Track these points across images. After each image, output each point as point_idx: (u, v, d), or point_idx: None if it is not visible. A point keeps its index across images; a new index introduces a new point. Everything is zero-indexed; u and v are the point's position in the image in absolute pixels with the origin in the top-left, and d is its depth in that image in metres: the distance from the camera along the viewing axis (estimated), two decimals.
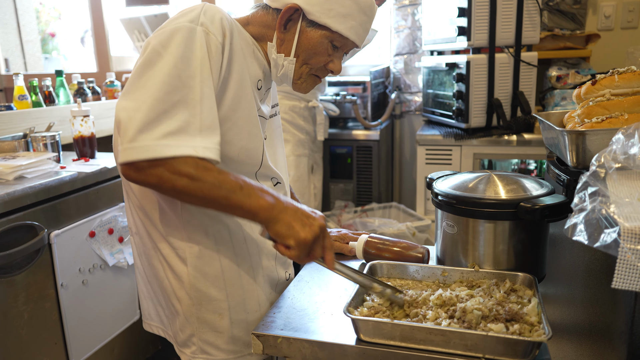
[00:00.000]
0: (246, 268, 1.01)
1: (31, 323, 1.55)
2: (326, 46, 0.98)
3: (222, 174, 0.84)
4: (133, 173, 0.82)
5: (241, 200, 0.83)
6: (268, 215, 0.85)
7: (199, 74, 0.85)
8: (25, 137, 1.93)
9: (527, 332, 0.77)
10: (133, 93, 0.83)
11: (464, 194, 0.97)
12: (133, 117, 0.80)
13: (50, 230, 1.59)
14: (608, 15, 2.57)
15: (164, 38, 0.85)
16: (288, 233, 0.85)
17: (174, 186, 0.81)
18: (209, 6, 0.91)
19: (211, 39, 0.87)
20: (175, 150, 0.80)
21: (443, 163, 2.34)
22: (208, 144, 0.84)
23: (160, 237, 0.97)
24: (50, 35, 4.13)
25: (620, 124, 0.85)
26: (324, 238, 0.89)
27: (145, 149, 0.79)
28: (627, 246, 0.57)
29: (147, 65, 0.83)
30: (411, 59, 3.01)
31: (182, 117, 0.82)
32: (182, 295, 0.98)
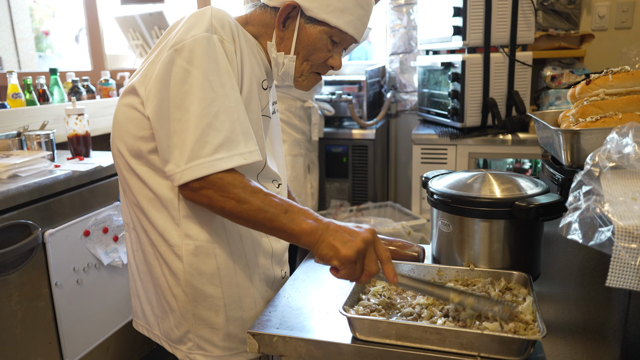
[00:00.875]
0: (242, 266, 1.01)
1: (25, 323, 1.54)
2: (325, 42, 0.98)
3: (269, 196, 0.87)
4: (189, 193, 0.88)
5: (285, 224, 0.86)
6: (310, 240, 0.85)
7: (228, 81, 0.88)
8: (19, 135, 1.92)
9: (522, 331, 0.77)
10: (172, 116, 0.86)
11: (460, 193, 0.98)
12: (184, 138, 0.85)
13: (45, 229, 1.58)
14: (602, 16, 2.58)
15: (186, 54, 0.86)
16: (330, 254, 0.83)
17: (222, 207, 0.86)
18: (216, 11, 0.92)
19: (227, 46, 0.89)
20: (228, 163, 0.85)
21: (438, 162, 2.34)
22: (252, 147, 0.89)
23: (157, 233, 0.98)
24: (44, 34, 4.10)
25: (614, 123, 0.85)
26: (373, 251, 0.84)
27: (200, 168, 0.84)
28: (621, 245, 0.57)
29: (178, 85, 0.86)
30: (407, 58, 3.01)
31: (225, 126, 0.86)
32: (178, 292, 0.98)
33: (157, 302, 1.03)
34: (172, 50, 0.87)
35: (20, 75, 2.38)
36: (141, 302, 1.08)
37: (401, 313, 0.86)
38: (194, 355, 1.01)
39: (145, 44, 2.89)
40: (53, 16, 4.17)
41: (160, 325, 1.05)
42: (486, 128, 2.28)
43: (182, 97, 0.85)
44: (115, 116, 0.99)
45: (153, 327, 1.07)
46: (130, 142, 0.95)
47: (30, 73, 2.61)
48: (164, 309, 1.02)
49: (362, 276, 0.85)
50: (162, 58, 0.89)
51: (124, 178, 1.00)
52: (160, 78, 0.87)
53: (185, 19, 0.92)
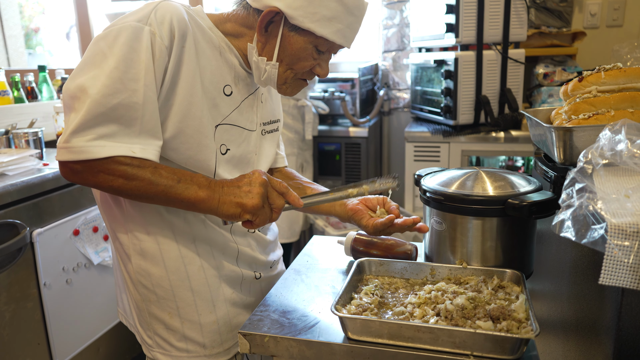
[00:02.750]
0: (195, 269, 0.97)
1: (13, 323, 1.51)
2: (310, 51, 0.93)
3: (158, 169, 0.84)
4: (71, 175, 0.83)
5: (179, 194, 0.84)
6: (210, 205, 0.85)
7: (143, 77, 0.82)
8: (7, 133, 1.89)
9: (515, 329, 0.77)
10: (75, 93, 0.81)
11: (452, 191, 0.97)
12: (73, 118, 0.80)
13: (33, 228, 1.56)
14: (594, 14, 2.59)
15: (110, 38, 0.83)
16: (238, 211, 0.85)
17: (111, 186, 0.83)
18: (163, 5, 0.87)
19: (156, 41, 0.84)
20: (110, 151, 0.80)
21: (431, 160, 2.34)
22: (148, 146, 0.84)
23: (112, 231, 0.97)
24: (34, 31, 4.06)
25: (607, 120, 0.85)
26: (272, 189, 0.88)
27: (77, 151, 0.79)
28: (614, 242, 0.57)
29: (91, 65, 0.82)
30: (399, 55, 3.01)
31: (120, 121, 0.81)
32: (133, 290, 0.98)
33: (127, 294, 1.04)
34: (101, 32, 0.85)
35: (9, 72, 2.34)
36: (120, 291, 1.08)
37: (393, 312, 0.86)
38: (155, 352, 1.00)
39: None
40: (43, 13, 4.11)
41: (134, 315, 1.05)
42: (479, 125, 2.28)
43: (89, 78, 0.81)
44: None
45: (128, 316, 1.07)
46: None
47: (19, 70, 2.58)
48: (131, 301, 1.02)
49: (272, 214, 0.89)
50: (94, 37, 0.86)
51: None
52: (83, 57, 0.84)
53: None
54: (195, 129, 0.90)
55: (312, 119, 2.50)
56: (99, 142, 0.80)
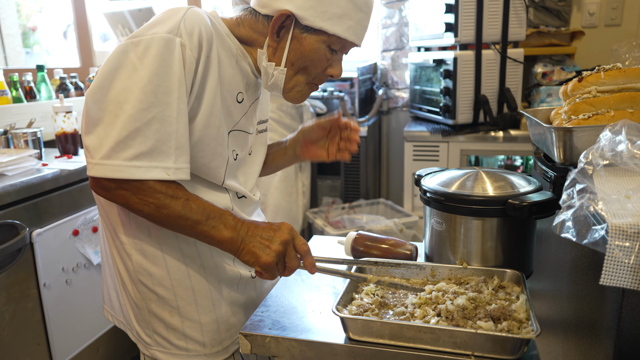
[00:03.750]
0: (196, 268, 0.97)
1: (13, 324, 1.51)
2: (324, 51, 0.92)
3: (189, 203, 0.84)
4: (101, 190, 0.84)
5: (206, 232, 0.85)
6: (232, 247, 0.87)
7: (176, 90, 0.83)
8: (6, 133, 1.89)
9: (515, 329, 0.77)
10: (107, 105, 0.81)
11: (452, 191, 0.97)
12: (107, 133, 0.80)
13: (32, 229, 1.56)
14: (592, 13, 2.60)
15: (140, 49, 0.81)
16: (252, 261, 0.87)
17: (140, 210, 0.83)
18: (190, 14, 0.86)
19: (187, 53, 0.83)
20: (145, 173, 0.81)
21: (430, 159, 2.35)
22: (181, 164, 0.84)
23: (112, 228, 0.97)
24: (32, 30, 4.04)
25: (607, 120, 0.85)
26: (292, 249, 0.88)
27: (114, 169, 0.80)
28: (615, 243, 0.57)
29: (122, 77, 0.81)
30: (398, 55, 3.01)
31: (156, 136, 0.81)
32: (132, 289, 0.97)
33: (123, 290, 1.02)
34: (129, 41, 0.83)
35: (7, 71, 2.33)
36: (108, 288, 1.08)
37: (394, 312, 0.86)
38: (153, 350, 1.00)
39: None
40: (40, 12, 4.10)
41: (124, 313, 1.04)
42: (478, 125, 2.28)
43: (121, 91, 0.81)
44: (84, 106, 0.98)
45: (118, 314, 1.07)
46: None
47: (17, 70, 2.57)
48: (126, 299, 1.01)
49: (284, 272, 0.90)
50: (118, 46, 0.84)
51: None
52: (108, 65, 0.82)
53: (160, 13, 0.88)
54: (212, 137, 0.91)
55: (310, 119, 2.50)
56: (136, 162, 0.80)
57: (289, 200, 2.45)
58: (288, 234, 0.88)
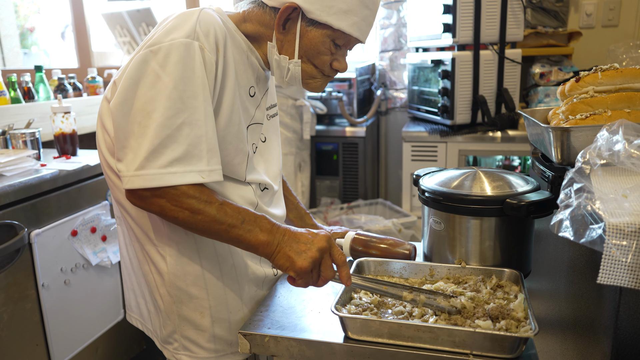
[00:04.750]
0: (228, 267, 0.99)
1: (11, 325, 1.51)
2: (328, 45, 0.94)
3: (224, 207, 0.84)
4: (137, 200, 0.84)
5: (241, 235, 0.85)
6: (267, 251, 0.86)
7: (201, 93, 0.84)
8: (4, 134, 1.88)
9: (513, 328, 0.77)
10: (134, 117, 0.82)
11: (451, 191, 0.98)
12: (140, 144, 0.81)
13: (31, 229, 1.55)
14: (589, 14, 2.60)
15: (160, 57, 0.82)
16: (287, 266, 0.85)
17: (175, 217, 0.83)
18: (204, 16, 0.87)
19: (206, 55, 0.85)
20: (181, 179, 0.82)
21: (428, 159, 2.35)
22: (213, 166, 0.85)
23: (142, 232, 0.96)
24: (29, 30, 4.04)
25: (604, 120, 0.86)
26: (328, 257, 0.87)
27: (150, 178, 0.81)
28: (612, 242, 0.57)
29: (146, 87, 0.82)
30: (396, 55, 3.01)
31: (187, 140, 0.82)
32: (164, 292, 0.97)
33: (150, 298, 1.02)
34: (147, 50, 0.83)
35: (5, 72, 2.33)
36: (136, 296, 1.06)
37: (393, 311, 0.86)
38: (180, 355, 1.00)
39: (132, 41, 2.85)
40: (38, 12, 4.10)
41: (152, 320, 1.04)
42: (476, 125, 2.29)
43: (147, 100, 0.81)
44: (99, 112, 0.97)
45: (146, 321, 1.06)
46: (108, 140, 0.93)
47: (15, 70, 2.57)
48: (155, 306, 1.01)
49: (318, 282, 0.88)
50: (136, 56, 0.85)
51: (107, 175, 0.98)
52: (130, 76, 0.83)
53: (172, 17, 0.88)
54: (234, 135, 0.92)
55: (310, 119, 2.50)
56: (171, 168, 0.81)
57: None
58: (326, 242, 0.87)
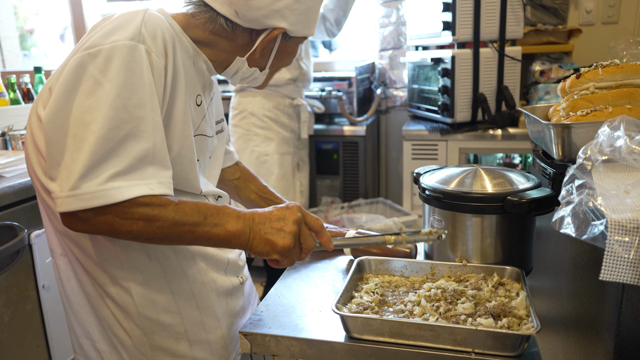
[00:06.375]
0: (198, 287, 0.92)
1: (12, 326, 1.51)
2: (297, 49, 0.98)
3: (180, 206, 0.76)
4: (78, 224, 0.73)
5: (208, 232, 0.77)
6: (241, 241, 0.79)
7: (149, 102, 0.75)
8: (3, 135, 1.89)
9: (515, 326, 0.77)
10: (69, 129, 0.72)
11: (451, 189, 0.97)
12: (75, 159, 0.71)
13: (31, 230, 1.55)
14: (589, 11, 2.60)
15: (100, 61, 0.73)
16: (267, 249, 0.80)
17: (129, 231, 0.74)
18: (149, 16, 0.80)
19: (153, 60, 0.77)
20: (127, 193, 0.72)
21: (429, 158, 2.35)
22: (162, 178, 0.76)
23: (94, 264, 0.86)
24: (29, 32, 4.04)
25: (605, 116, 0.85)
26: (305, 227, 0.83)
27: (89, 197, 0.70)
28: (615, 238, 0.57)
29: (84, 95, 0.72)
30: (396, 54, 3.01)
31: (132, 154, 0.73)
32: (129, 326, 0.87)
33: (101, 336, 0.90)
34: (85, 53, 0.74)
35: (4, 74, 2.33)
36: (78, 337, 0.93)
37: (393, 310, 0.86)
38: None
39: None
40: (37, 14, 4.09)
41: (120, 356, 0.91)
42: (476, 123, 2.28)
43: (85, 110, 0.72)
44: (28, 129, 0.84)
45: None
46: (42, 162, 0.81)
47: (14, 72, 2.56)
48: (111, 343, 0.90)
49: (301, 254, 0.84)
50: (72, 59, 0.75)
51: (45, 202, 0.86)
52: (65, 83, 0.74)
53: (112, 19, 0.80)
54: (188, 147, 0.86)
55: (307, 118, 2.50)
56: (113, 183, 0.71)
57: (286, 199, 2.45)
58: (298, 211, 0.82)
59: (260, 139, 2.38)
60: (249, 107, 2.37)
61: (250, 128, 2.38)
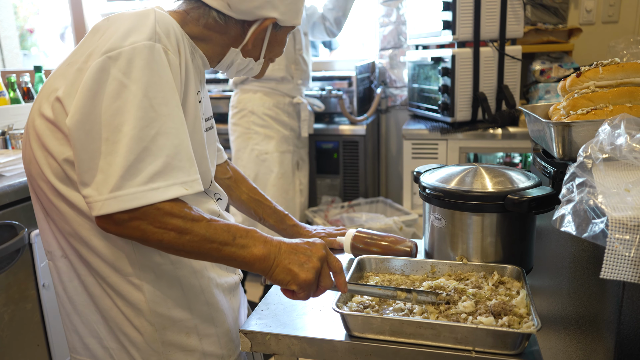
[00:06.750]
0: (206, 282, 0.94)
1: (12, 325, 1.51)
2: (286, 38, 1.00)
3: (212, 223, 0.78)
4: (112, 227, 0.75)
5: (234, 252, 0.79)
6: (264, 266, 0.80)
7: (172, 99, 0.78)
8: (4, 134, 1.89)
9: (516, 324, 0.77)
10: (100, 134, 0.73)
11: (452, 187, 0.97)
12: (110, 162, 0.72)
13: (31, 229, 1.55)
14: (589, 10, 2.60)
15: (123, 63, 0.74)
16: (288, 279, 0.80)
17: (160, 240, 0.75)
18: (160, 16, 0.81)
19: (171, 58, 0.79)
20: (165, 194, 0.74)
21: (429, 157, 2.35)
22: (194, 175, 0.79)
23: (104, 264, 0.86)
24: (29, 31, 4.04)
25: (605, 115, 0.85)
26: (327, 266, 0.83)
27: (130, 198, 0.72)
28: (615, 236, 0.57)
29: (110, 98, 0.74)
30: (396, 53, 3.01)
31: (165, 151, 0.75)
32: (141, 323, 0.89)
33: (108, 334, 0.91)
34: (105, 57, 0.75)
35: (4, 73, 2.33)
36: (81, 337, 0.93)
37: (393, 308, 0.86)
38: None
39: None
40: (37, 13, 4.09)
41: (115, 357, 0.92)
42: (476, 122, 2.28)
43: (114, 113, 0.73)
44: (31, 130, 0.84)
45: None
46: (54, 164, 0.82)
47: (14, 71, 2.56)
48: (119, 342, 0.91)
49: (317, 291, 0.84)
50: (91, 65, 0.75)
51: (51, 204, 0.86)
52: (88, 89, 0.74)
53: (121, 20, 0.81)
54: (199, 142, 0.88)
55: (307, 117, 2.49)
56: (152, 184, 0.73)
57: (285, 198, 2.45)
58: (324, 250, 0.83)
59: (260, 137, 2.38)
60: (248, 105, 2.37)
61: (250, 126, 2.38)
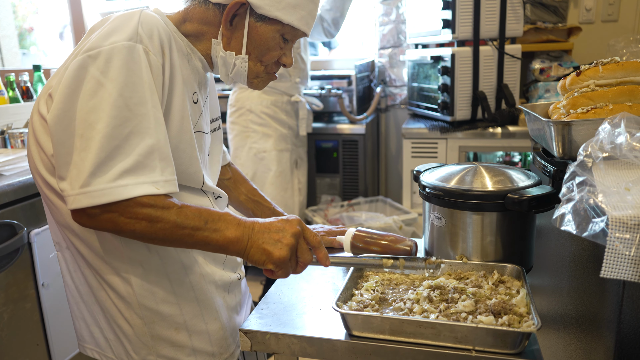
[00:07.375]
0: (197, 278, 0.94)
1: (11, 324, 1.51)
2: (278, 40, 0.93)
3: (183, 210, 0.79)
4: (86, 220, 0.77)
5: (207, 237, 0.79)
6: (238, 248, 0.81)
7: (150, 99, 0.78)
8: (3, 133, 1.88)
9: (516, 323, 0.77)
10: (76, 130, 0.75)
11: (452, 186, 0.97)
12: (83, 158, 0.74)
13: (30, 229, 1.55)
14: (589, 9, 2.60)
15: (100, 62, 0.76)
16: (263, 259, 0.81)
17: (132, 230, 0.77)
18: (145, 17, 0.82)
19: (151, 59, 0.80)
20: (133, 191, 0.75)
21: (429, 156, 2.34)
22: (168, 176, 0.79)
23: (96, 256, 0.89)
24: (28, 31, 4.03)
25: (605, 114, 0.85)
26: (303, 241, 0.85)
27: (99, 194, 0.74)
28: (615, 235, 0.57)
29: (87, 96, 0.76)
30: (395, 52, 3.01)
31: (137, 150, 0.76)
32: (131, 316, 0.90)
33: (107, 325, 0.94)
34: (85, 55, 0.77)
35: (3, 72, 2.32)
36: (88, 325, 0.97)
37: (393, 307, 0.86)
38: None
39: None
40: (36, 13, 4.09)
41: (113, 348, 0.95)
42: (476, 121, 2.28)
43: (89, 111, 0.75)
44: (30, 127, 0.87)
45: (105, 349, 0.96)
46: (45, 159, 0.85)
47: (13, 70, 2.56)
48: (115, 333, 0.93)
49: (297, 268, 0.85)
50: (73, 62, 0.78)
51: (47, 197, 0.89)
52: (67, 85, 0.76)
53: (109, 20, 0.82)
54: (187, 142, 0.88)
55: (306, 115, 2.49)
56: (120, 181, 0.74)
57: (284, 196, 2.45)
58: (298, 225, 0.84)
59: (258, 135, 2.38)
60: (246, 104, 2.37)
61: (248, 125, 2.38)
